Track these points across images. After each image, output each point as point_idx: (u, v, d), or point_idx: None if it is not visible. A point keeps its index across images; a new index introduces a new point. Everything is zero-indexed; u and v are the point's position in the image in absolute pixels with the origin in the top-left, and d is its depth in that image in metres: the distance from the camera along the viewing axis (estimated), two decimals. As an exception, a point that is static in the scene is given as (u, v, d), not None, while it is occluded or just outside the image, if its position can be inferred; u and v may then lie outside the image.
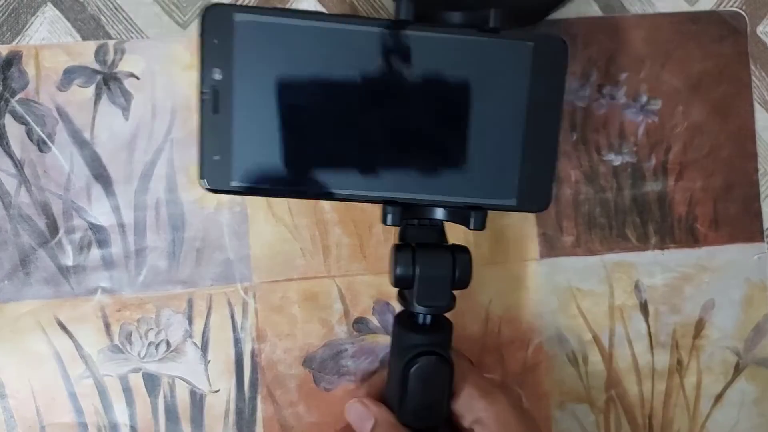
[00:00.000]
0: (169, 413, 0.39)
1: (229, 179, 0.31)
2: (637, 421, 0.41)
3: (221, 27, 0.30)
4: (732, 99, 0.42)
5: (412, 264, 0.33)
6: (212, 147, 0.31)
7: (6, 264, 0.39)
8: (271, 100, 0.31)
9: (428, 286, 0.33)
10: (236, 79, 0.31)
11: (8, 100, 0.39)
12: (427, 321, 0.34)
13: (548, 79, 0.33)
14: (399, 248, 0.33)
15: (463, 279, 0.33)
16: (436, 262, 0.33)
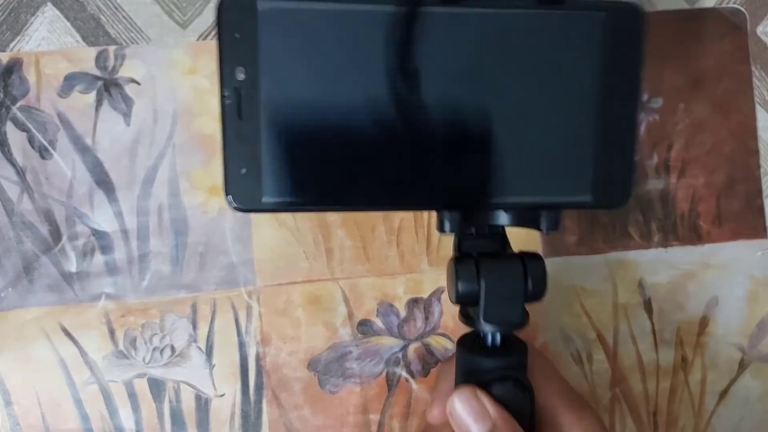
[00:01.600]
0: (175, 418, 0.39)
1: (259, 195, 0.27)
2: (642, 418, 0.41)
3: (243, 18, 0.26)
4: (733, 95, 0.42)
5: (477, 277, 0.28)
6: (238, 159, 0.26)
7: (9, 271, 0.39)
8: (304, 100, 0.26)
9: (497, 300, 0.28)
10: (262, 78, 0.26)
11: (9, 108, 0.39)
12: (497, 341, 0.30)
13: (624, 54, 0.28)
14: (459, 260, 0.29)
15: (537, 290, 0.29)
16: (504, 273, 0.28)
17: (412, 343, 0.40)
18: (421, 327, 0.40)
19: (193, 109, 0.40)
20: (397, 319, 0.40)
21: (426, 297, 0.40)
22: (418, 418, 0.40)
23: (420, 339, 0.40)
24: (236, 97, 0.26)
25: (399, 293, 0.40)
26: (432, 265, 0.40)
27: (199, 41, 0.40)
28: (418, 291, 0.40)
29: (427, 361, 0.40)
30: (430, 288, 0.40)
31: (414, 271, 0.40)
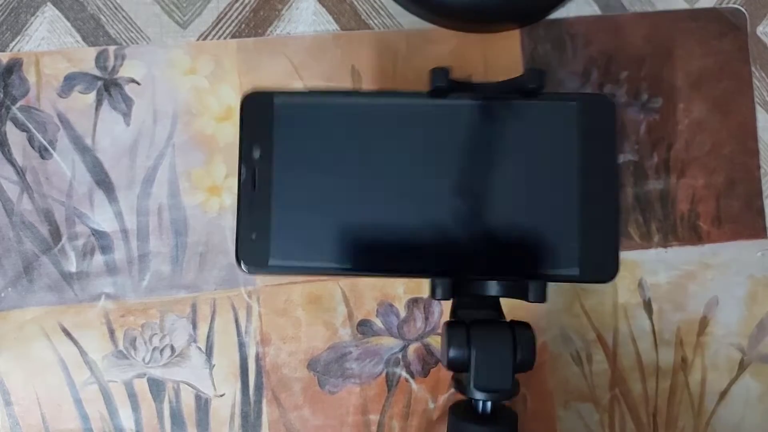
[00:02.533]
0: (175, 418, 0.39)
1: (266, 258, 0.31)
2: (641, 419, 0.41)
3: (260, 109, 0.31)
4: (733, 95, 0.42)
5: (467, 344, 0.30)
6: (250, 225, 0.31)
7: (9, 271, 0.39)
8: (310, 177, 0.31)
9: (487, 367, 0.30)
10: (275, 157, 0.31)
11: (9, 108, 0.39)
12: (488, 409, 0.31)
13: (597, 138, 0.31)
14: (451, 325, 0.30)
15: (526, 360, 0.30)
16: (494, 341, 0.30)
17: (412, 343, 0.40)
18: (421, 327, 0.40)
19: (193, 109, 0.40)
20: (396, 319, 0.40)
21: (426, 297, 0.40)
22: (418, 418, 0.40)
23: (420, 339, 0.40)
24: (251, 172, 0.31)
25: (399, 293, 0.40)
26: (432, 265, 0.40)
27: (199, 41, 0.40)
28: (418, 291, 0.40)
29: (427, 361, 0.40)
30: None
31: (414, 271, 0.40)
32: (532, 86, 0.30)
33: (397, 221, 0.31)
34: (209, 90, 0.40)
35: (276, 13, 0.40)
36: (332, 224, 0.30)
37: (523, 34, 0.41)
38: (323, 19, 0.41)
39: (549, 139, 0.31)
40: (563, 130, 0.31)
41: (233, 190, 0.40)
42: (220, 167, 0.40)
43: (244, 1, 0.40)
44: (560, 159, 0.31)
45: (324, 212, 0.30)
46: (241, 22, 0.40)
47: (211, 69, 0.40)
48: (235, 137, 0.40)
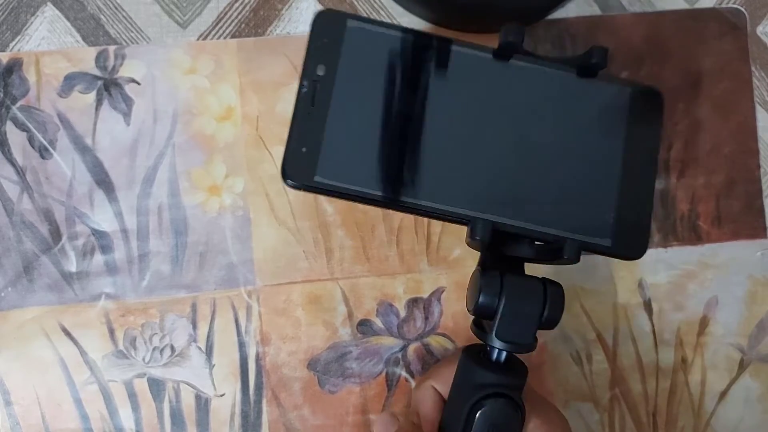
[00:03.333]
0: (175, 418, 0.39)
1: (313, 174, 0.30)
2: (641, 419, 0.41)
3: (332, 29, 0.31)
4: (733, 95, 0.42)
5: (499, 292, 0.30)
6: (301, 138, 0.30)
7: (9, 271, 0.39)
8: (369, 104, 0.31)
9: (513, 319, 0.30)
10: (338, 77, 0.31)
11: (9, 107, 0.39)
12: (502, 359, 0.31)
13: (644, 127, 0.32)
14: (485, 272, 0.30)
15: (552, 318, 0.30)
16: (525, 294, 0.30)
17: (412, 343, 0.40)
18: (421, 327, 0.40)
19: (193, 109, 0.40)
20: (396, 319, 0.40)
21: (426, 297, 0.40)
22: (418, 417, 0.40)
23: (419, 339, 0.40)
24: (312, 88, 0.31)
25: (399, 293, 0.40)
26: (432, 265, 0.40)
27: (199, 41, 0.40)
28: (418, 291, 0.40)
29: (426, 361, 0.40)
30: (429, 288, 0.40)
31: (414, 271, 0.40)
32: (595, 61, 0.31)
33: (444, 161, 0.31)
34: (209, 90, 0.40)
35: (276, 12, 0.40)
36: (381, 153, 0.31)
37: (523, 33, 0.41)
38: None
39: (601, 115, 0.32)
40: (615, 111, 0.32)
41: (233, 189, 0.40)
42: (220, 167, 0.40)
43: (244, 1, 0.40)
44: (608, 136, 0.32)
45: (375, 140, 0.31)
46: (241, 21, 0.40)
47: (211, 69, 0.40)
48: (235, 137, 0.40)
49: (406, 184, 0.31)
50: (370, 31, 0.32)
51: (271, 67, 0.40)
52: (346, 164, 0.31)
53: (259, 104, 0.40)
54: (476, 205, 0.31)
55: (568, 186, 0.32)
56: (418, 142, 0.31)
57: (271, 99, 0.40)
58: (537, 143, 0.32)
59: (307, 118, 0.31)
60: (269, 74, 0.40)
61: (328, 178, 0.30)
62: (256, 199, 0.40)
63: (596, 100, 0.32)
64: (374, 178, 0.31)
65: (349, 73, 0.31)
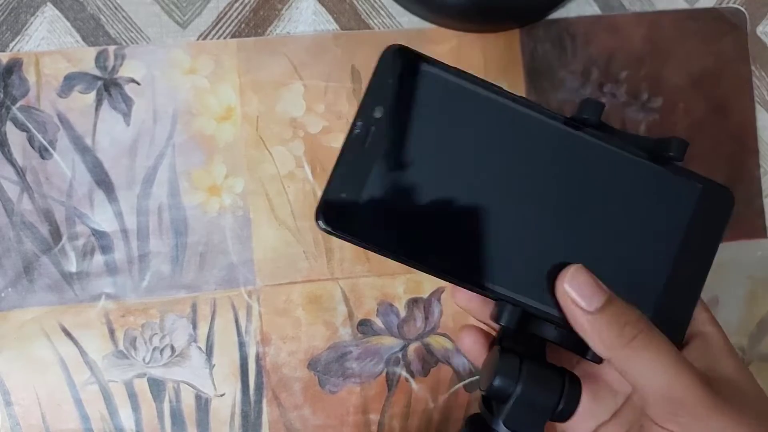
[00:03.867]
0: (175, 418, 0.39)
1: (348, 223, 0.28)
2: (642, 418, 0.41)
3: (403, 69, 0.28)
4: (732, 95, 0.42)
5: (516, 379, 0.28)
6: (344, 182, 0.28)
7: (9, 271, 0.39)
8: (422, 155, 0.29)
9: (524, 409, 0.28)
10: (396, 123, 0.28)
11: (9, 108, 0.39)
12: None
13: (708, 223, 0.30)
14: (504, 352, 0.29)
15: (565, 413, 0.28)
16: (543, 385, 0.28)
17: (412, 342, 0.40)
18: (421, 327, 0.40)
19: (193, 109, 0.40)
20: (397, 319, 0.40)
21: (426, 297, 0.40)
22: (418, 417, 0.40)
23: (420, 339, 0.40)
24: (366, 130, 0.28)
25: (399, 293, 0.40)
26: (432, 265, 0.40)
27: (199, 41, 0.40)
28: (418, 291, 0.40)
29: (426, 361, 0.40)
30: (429, 288, 0.40)
31: (414, 271, 0.40)
32: (672, 155, 0.29)
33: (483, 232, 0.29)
34: (209, 90, 0.40)
35: (276, 12, 0.40)
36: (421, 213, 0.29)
37: (523, 34, 0.41)
38: (323, 19, 0.41)
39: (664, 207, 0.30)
40: (681, 205, 0.30)
41: (233, 189, 0.40)
42: (220, 167, 0.40)
43: (244, 1, 0.40)
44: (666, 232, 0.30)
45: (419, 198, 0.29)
46: (241, 21, 0.40)
47: (211, 69, 0.40)
48: (235, 137, 0.40)
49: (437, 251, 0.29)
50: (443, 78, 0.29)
51: (271, 67, 0.40)
52: (382, 220, 0.28)
53: (259, 104, 0.40)
54: (509, 283, 0.29)
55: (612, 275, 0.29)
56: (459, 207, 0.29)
57: (271, 99, 0.40)
58: (588, 224, 0.30)
59: (351, 162, 0.28)
60: (269, 74, 0.40)
61: (362, 230, 0.28)
62: (256, 199, 0.40)
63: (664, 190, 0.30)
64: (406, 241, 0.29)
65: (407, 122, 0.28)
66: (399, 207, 0.28)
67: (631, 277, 0.30)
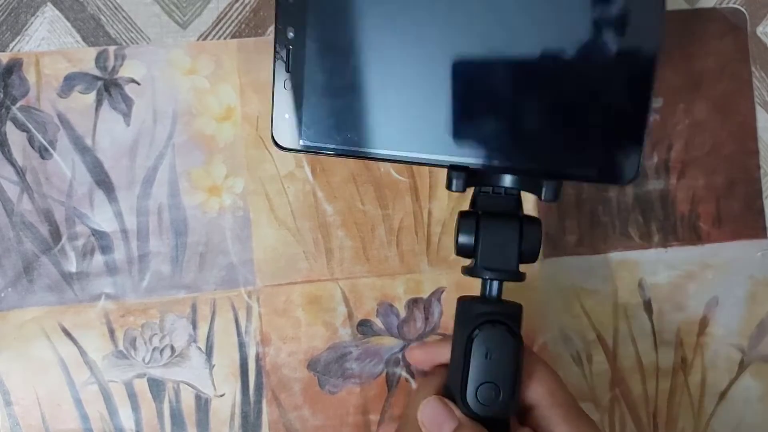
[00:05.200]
0: (175, 418, 0.39)
1: (297, 138, 0.32)
2: (641, 419, 0.41)
3: None
4: (733, 96, 0.42)
5: (476, 232, 0.31)
6: (283, 106, 0.31)
7: (9, 271, 0.39)
8: (341, 58, 0.31)
9: (492, 249, 0.31)
10: (308, 37, 0.31)
11: (9, 108, 0.39)
12: (494, 291, 0.32)
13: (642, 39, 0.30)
14: (463, 215, 0.32)
15: (530, 251, 0.31)
16: (501, 228, 0.31)
17: (412, 343, 0.40)
18: (421, 327, 0.40)
19: (193, 109, 0.40)
20: (396, 319, 0.40)
21: (426, 297, 0.40)
22: (418, 418, 0.40)
23: (420, 339, 0.40)
24: (285, 53, 0.31)
25: (399, 293, 0.40)
26: (432, 265, 0.40)
27: (199, 41, 0.40)
28: (418, 291, 0.40)
29: (426, 361, 0.40)
30: (430, 288, 0.40)
31: (414, 271, 0.40)
32: None
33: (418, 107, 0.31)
34: (209, 90, 0.40)
35: (276, 13, 0.40)
36: (359, 108, 0.31)
37: (523, 34, 0.41)
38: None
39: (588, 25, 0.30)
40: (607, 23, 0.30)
41: (233, 190, 0.40)
42: (220, 167, 0.40)
43: (244, 1, 0.40)
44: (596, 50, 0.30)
45: (349, 97, 0.31)
46: (241, 22, 0.40)
47: (211, 69, 0.40)
48: (235, 137, 0.40)
49: (383, 136, 0.31)
50: None
51: (271, 68, 0.40)
52: (326, 125, 0.31)
53: (259, 104, 0.40)
54: (451, 150, 0.31)
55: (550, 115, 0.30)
56: (391, 91, 0.31)
57: (271, 99, 0.40)
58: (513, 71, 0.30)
59: (284, 85, 0.31)
60: (269, 74, 0.40)
61: (311, 140, 0.31)
62: (256, 199, 0.40)
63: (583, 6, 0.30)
64: (353, 135, 0.31)
65: (318, 30, 0.31)
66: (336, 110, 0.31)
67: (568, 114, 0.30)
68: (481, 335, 0.31)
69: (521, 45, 0.30)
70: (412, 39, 0.31)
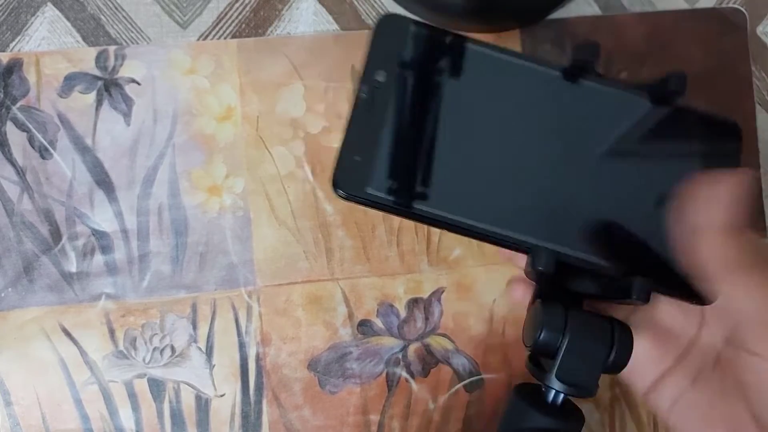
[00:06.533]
0: (175, 418, 0.39)
1: (365, 185, 0.28)
2: (641, 418, 0.41)
3: (395, 34, 0.30)
4: (733, 95, 0.42)
5: (563, 329, 0.27)
6: (356, 147, 0.28)
7: (9, 271, 0.39)
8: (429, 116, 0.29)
9: (576, 360, 0.27)
10: (398, 85, 0.29)
11: (9, 108, 0.39)
12: (558, 402, 0.28)
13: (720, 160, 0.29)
14: (547, 305, 0.28)
15: (618, 363, 0.28)
16: (592, 333, 0.27)
17: (412, 343, 0.40)
18: (421, 327, 0.40)
19: (193, 109, 0.40)
20: (397, 319, 0.40)
21: (426, 297, 0.40)
22: (418, 418, 0.40)
23: (420, 339, 0.40)
24: (371, 95, 0.29)
25: (399, 293, 0.40)
26: (432, 265, 0.40)
27: (199, 41, 0.40)
28: (418, 291, 0.40)
29: (427, 361, 0.40)
30: (430, 288, 0.40)
31: (414, 271, 0.40)
32: (673, 89, 0.29)
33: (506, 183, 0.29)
34: (209, 90, 0.40)
35: (276, 13, 0.40)
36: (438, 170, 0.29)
37: (523, 34, 0.41)
38: (323, 19, 0.41)
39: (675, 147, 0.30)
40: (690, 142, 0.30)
41: (233, 190, 0.40)
42: (220, 167, 0.40)
43: (244, 1, 0.40)
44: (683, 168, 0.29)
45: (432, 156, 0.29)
46: (241, 22, 0.40)
47: (211, 69, 0.40)
48: (235, 137, 0.40)
49: (462, 205, 0.28)
50: (434, 39, 0.30)
51: (271, 68, 0.40)
52: (400, 178, 0.28)
53: (260, 104, 0.40)
54: (539, 232, 0.28)
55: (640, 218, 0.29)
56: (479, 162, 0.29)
57: (272, 99, 0.40)
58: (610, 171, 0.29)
59: (361, 126, 0.29)
60: (269, 74, 0.40)
61: (380, 191, 0.28)
62: (256, 199, 0.40)
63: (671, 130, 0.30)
64: (429, 195, 0.28)
65: (410, 82, 0.29)
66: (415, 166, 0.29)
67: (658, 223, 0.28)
68: None
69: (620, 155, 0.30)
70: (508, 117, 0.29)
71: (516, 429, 0.28)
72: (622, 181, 0.29)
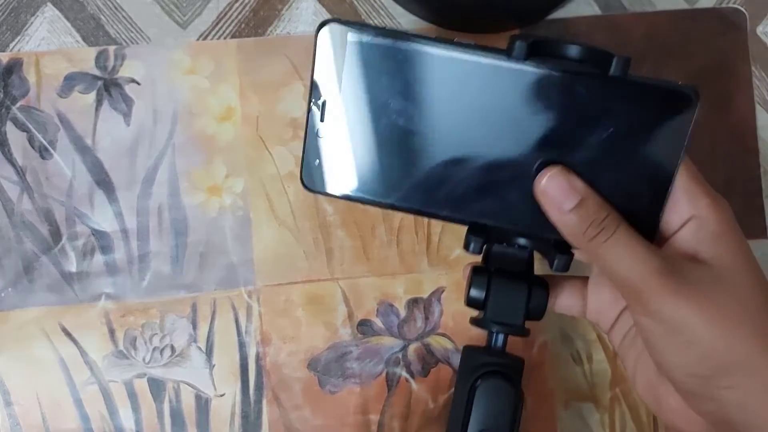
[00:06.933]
0: (175, 418, 0.39)
1: (324, 184, 0.32)
2: (641, 418, 0.41)
3: (335, 41, 0.31)
4: (732, 94, 0.42)
5: (487, 288, 0.33)
6: (313, 152, 0.32)
7: (9, 271, 0.39)
8: (373, 115, 0.32)
9: (500, 309, 0.33)
10: (344, 92, 0.32)
11: (9, 108, 0.39)
12: (499, 343, 0.33)
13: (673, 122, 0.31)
14: (476, 271, 0.33)
15: (536, 311, 0.33)
16: (510, 287, 0.33)
17: (412, 343, 0.40)
18: (421, 327, 0.40)
19: (193, 109, 0.40)
20: (397, 319, 0.40)
21: (426, 297, 0.40)
22: (418, 418, 0.40)
23: (420, 339, 0.40)
24: (321, 104, 0.32)
25: (399, 293, 0.40)
26: (432, 265, 0.40)
27: (199, 41, 0.40)
28: (418, 291, 0.40)
29: (427, 361, 0.40)
30: (430, 288, 0.40)
31: (414, 271, 0.40)
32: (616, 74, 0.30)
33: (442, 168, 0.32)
34: (209, 90, 0.40)
35: (276, 13, 0.40)
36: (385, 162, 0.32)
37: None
38: (323, 19, 0.41)
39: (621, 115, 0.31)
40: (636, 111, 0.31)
41: (233, 190, 0.40)
42: (220, 167, 0.40)
43: (244, 1, 0.40)
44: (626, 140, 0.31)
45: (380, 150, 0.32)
46: (241, 22, 0.40)
47: (211, 69, 0.40)
48: (235, 137, 0.40)
49: (405, 191, 0.32)
50: (372, 43, 0.31)
51: (271, 68, 0.40)
52: (353, 175, 0.32)
53: (260, 104, 0.40)
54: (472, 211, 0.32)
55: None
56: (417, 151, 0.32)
57: (272, 99, 0.40)
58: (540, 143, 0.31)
59: (316, 134, 0.32)
60: (269, 74, 0.40)
61: (339, 189, 0.32)
62: (256, 199, 0.40)
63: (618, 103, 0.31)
64: (378, 186, 0.32)
65: (356, 86, 0.31)
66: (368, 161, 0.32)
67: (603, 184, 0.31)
68: (483, 385, 0.33)
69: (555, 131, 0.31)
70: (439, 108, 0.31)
71: (467, 372, 0.33)
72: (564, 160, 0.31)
